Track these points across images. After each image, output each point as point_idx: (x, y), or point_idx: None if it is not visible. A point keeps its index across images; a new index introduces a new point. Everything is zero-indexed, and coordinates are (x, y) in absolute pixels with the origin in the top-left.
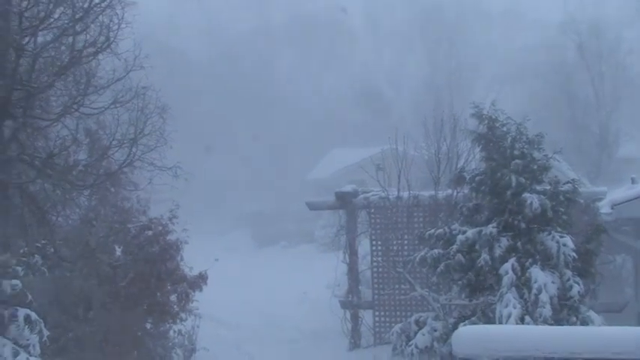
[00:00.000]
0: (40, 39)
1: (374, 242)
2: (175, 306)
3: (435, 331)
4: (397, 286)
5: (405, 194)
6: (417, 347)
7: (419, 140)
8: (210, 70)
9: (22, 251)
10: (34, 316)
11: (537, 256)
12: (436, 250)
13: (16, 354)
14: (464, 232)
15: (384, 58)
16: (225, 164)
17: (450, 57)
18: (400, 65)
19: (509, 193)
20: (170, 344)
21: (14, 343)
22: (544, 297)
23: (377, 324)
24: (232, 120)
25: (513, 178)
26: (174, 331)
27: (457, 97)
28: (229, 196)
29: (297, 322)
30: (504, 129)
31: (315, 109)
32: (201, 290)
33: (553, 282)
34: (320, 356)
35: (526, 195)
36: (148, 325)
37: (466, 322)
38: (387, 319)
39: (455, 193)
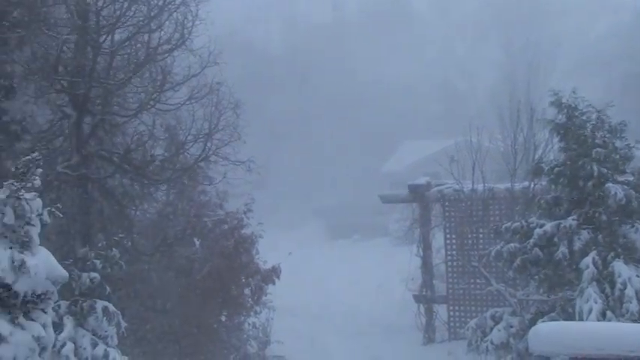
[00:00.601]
0: (116, 37)
1: (448, 236)
2: (250, 299)
3: (512, 327)
4: (472, 281)
5: (479, 187)
6: (492, 343)
7: (494, 131)
8: (283, 64)
9: (100, 245)
10: (112, 308)
11: (619, 250)
12: (513, 244)
13: (94, 345)
14: (542, 226)
15: (458, 48)
16: (300, 157)
17: (526, 45)
18: (475, 55)
19: (590, 184)
20: (245, 336)
21: (93, 334)
22: (630, 292)
23: (451, 319)
24: (306, 113)
25: (595, 167)
26: (249, 324)
27: (534, 86)
28: (304, 189)
29: (371, 316)
30: (584, 117)
31: (389, 101)
32: (274, 283)
33: (638, 276)
34: (394, 350)
35: (609, 185)
36: (223, 318)
37: (544, 317)
38: (462, 314)
39: (532, 185)
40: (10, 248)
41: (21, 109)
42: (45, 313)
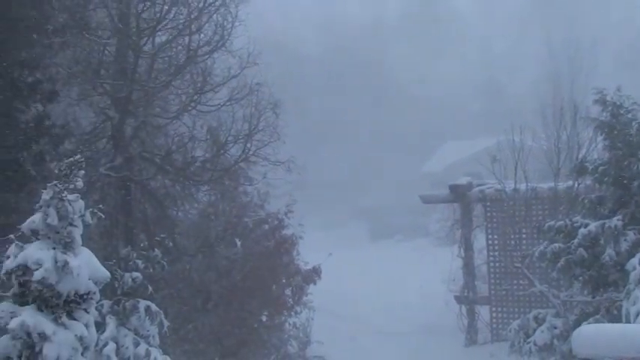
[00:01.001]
0: (157, 40)
1: (490, 236)
2: (290, 299)
3: (555, 328)
4: (515, 282)
5: (522, 186)
6: (535, 345)
7: (537, 130)
8: (324, 64)
9: (142, 245)
10: (154, 307)
11: None
12: (556, 245)
13: (136, 344)
14: (586, 226)
15: (499, 46)
16: (340, 158)
17: (568, 42)
18: (516, 53)
19: (635, 183)
20: (285, 336)
21: (135, 334)
22: None
23: (494, 320)
24: (347, 113)
25: None
26: (290, 324)
27: (577, 83)
28: (344, 189)
29: (413, 316)
30: (629, 115)
31: (429, 100)
32: (315, 284)
33: None
34: (435, 351)
35: None
36: (264, 318)
37: (589, 319)
38: (505, 315)
39: (576, 185)
40: (54, 249)
41: (64, 111)
42: (87, 312)
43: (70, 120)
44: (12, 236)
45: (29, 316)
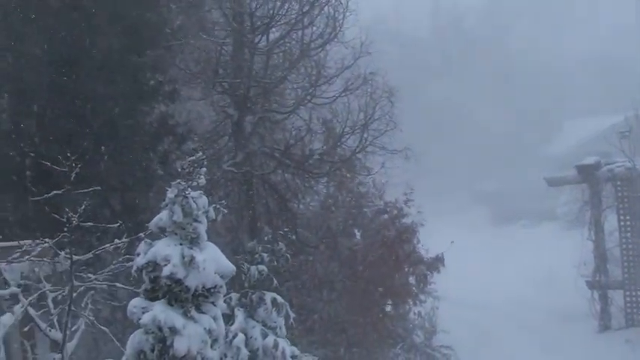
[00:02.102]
0: (271, 36)
1: (622, 217)
2: (414, 288)
3: None
4: None
5: None
6: None
7: None
8: (438, 48)
9: (267, 238)
10: (279, 299)
11: None
12: None
13: (264, 335)
14: None
15: (621, 18)
16: (459, 142)
17: None
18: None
19: None
20: (410, 326)
21: (263, 325)
22: None
23: (628, 304)
24: (463, 96)
25: None
26: (414, 313)
27: None
28: (465, 174)
29: (543, 303)
30: None
31: (549, 79)
32: (439, 272)
33: None
34: (567, 339)
35: None
36: (388, 307)
37: None
38: None
39: None
40: (180, 244)
41: (186, 111)
42: (215, 305)
43: (193, 119)
44: (142, 234)
45: (160, 311)
